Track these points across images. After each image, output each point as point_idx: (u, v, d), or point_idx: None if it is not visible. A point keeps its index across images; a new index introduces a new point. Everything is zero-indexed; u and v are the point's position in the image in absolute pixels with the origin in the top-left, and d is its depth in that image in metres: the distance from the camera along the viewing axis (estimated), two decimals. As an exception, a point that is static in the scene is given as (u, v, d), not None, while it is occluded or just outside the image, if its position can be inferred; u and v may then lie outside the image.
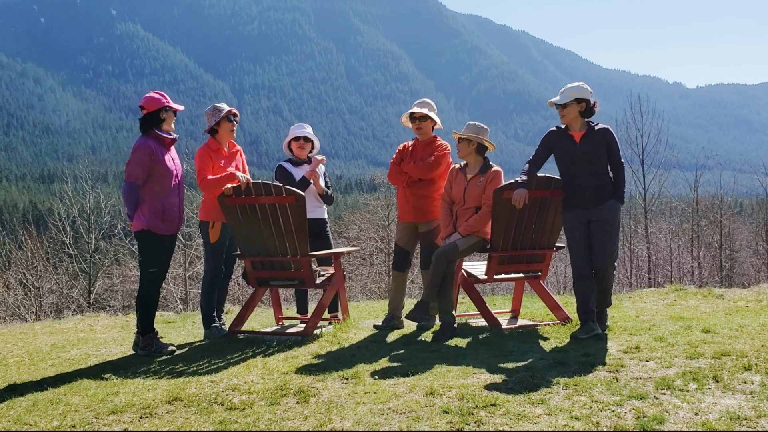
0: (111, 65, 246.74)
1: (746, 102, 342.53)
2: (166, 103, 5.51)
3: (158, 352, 5.42)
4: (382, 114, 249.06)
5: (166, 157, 5.50)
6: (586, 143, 5.39)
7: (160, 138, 5.48)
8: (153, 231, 5.42)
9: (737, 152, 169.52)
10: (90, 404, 4.01)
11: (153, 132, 5.47)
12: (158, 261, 5.53)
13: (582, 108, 5.42)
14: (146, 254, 5.51)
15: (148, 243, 5.47)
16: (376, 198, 30.29)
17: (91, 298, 24.98)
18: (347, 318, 6.29)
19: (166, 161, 5.47)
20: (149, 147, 5.39)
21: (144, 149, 5.38)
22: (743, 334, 5.23)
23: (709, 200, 28.76)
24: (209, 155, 5.97)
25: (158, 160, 5.41)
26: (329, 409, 3.74)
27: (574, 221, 5.46)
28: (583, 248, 5.42)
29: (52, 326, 7.77)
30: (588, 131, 5.43)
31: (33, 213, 54.55)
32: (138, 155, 5.37)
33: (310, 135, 6.64)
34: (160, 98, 5.51)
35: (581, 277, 5.43)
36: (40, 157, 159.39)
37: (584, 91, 5.43)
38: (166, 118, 5.53)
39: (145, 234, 5.44)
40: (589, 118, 5.50)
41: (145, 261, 5.52)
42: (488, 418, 3.50)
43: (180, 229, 5.71)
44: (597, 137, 5.42)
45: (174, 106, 5.57)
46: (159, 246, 5.50)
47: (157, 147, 5.44)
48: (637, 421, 3.37)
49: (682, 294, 7.78)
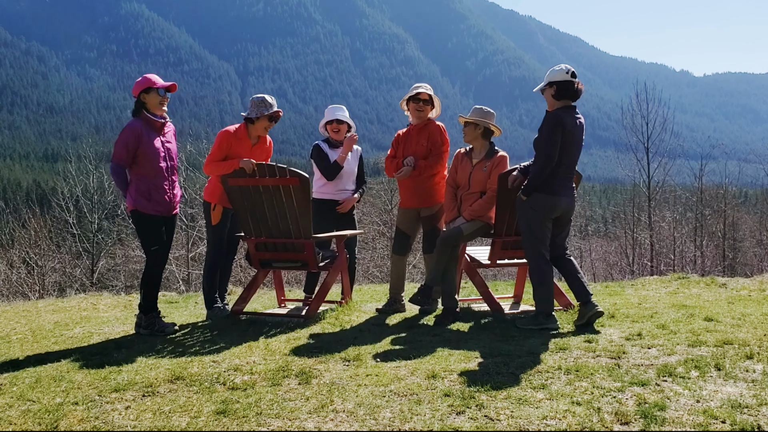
0: (116, 45, 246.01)
1: (753, 91, 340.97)
2: (147, 85, 5.40)
3: (160, 331, 5.44)
4: (386, 98, 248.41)
5: (156, 140, 5.44)
6: None
7: (148, 120, 5.45)
8: (140, 211, 5.43)
9: (743, 142, 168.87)
10: (93, 382, 4.03)
11: (143, 114, 5.45)
12: (156, 240, 5.53)
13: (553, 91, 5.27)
14: (142, 233, 5.55)
15: (138, 222, 5.52)
16: (380, 182, 30.23)
17: (94, 277, 25.09)
18: (350, 301, 6.30)
19: (154, 143, 5.41)
20: (135, 128, 5.37)
21: (130, 130, 5.36)
22: (746, 323, 5.23)
23: (713, 189, 28.71)
24: (230, 142, 5.88)
25: (144, 142, 5.37)
26: (331, 391, 3.75)
27: None
28: None
29: (55, 304, 7.79)
30: None
31: (36, 192, 54.57)
32: (123, 136, 5.36)
33: (344, 118, 6.50)
34: (141, 81, 5.45)
35: None
36: (44, 136, 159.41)
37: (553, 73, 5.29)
38: (147, 100, 5.42)
39: (134, 214, 5.50)
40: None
41: (144, 240, 5.57)
42: (489, 401, 3.51)
43: (175, 211, 5.66)
44: None
45: (160, 85, 5.43)
46: (150, 225, 5.49)
47: (145, 129, 5.39)
48: (639, 408, 3.37)
49: (684, 282, 7.77)
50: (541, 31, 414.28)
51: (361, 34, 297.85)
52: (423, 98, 6.05)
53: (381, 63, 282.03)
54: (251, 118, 5.96)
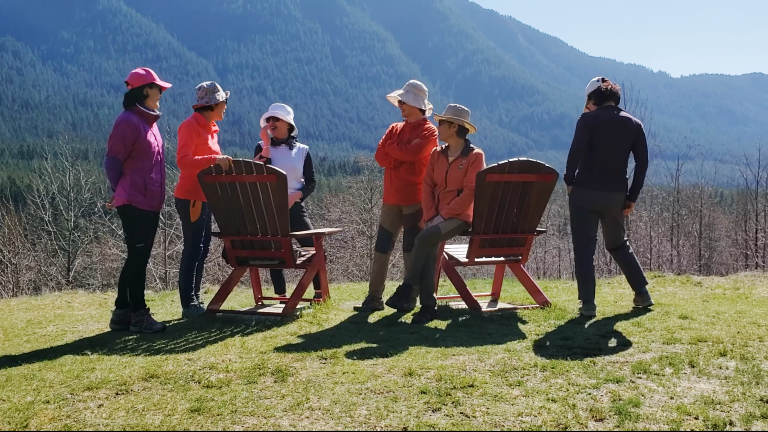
0: (93, 41, 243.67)
1: (729, 93, 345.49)
2: (151, 80, 5.46)
3: (149, 328, 5.38)
4: (367, 96, 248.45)
5: (149, 133, 5.45)
6: None
7: (143, 114, 5.42)
8: (134, 206, 5.36)
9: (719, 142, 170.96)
10: (65, 380, 3.97)
11: (136, 108, 5.41)
12: (145, 236, 5.48)
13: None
14: (131, 229, 5.45)
15: (130, 218, 5.42)
16: (359, 181, 30.20)
17: (70, 276, 24.79)
18: (327, 299, 6.28)
19: (148, 137, 5.41)
20: (132, 122, 5.32)
21: (127, 124, 5.31)
22: (720, 321, 5.28)
23: (690, 189, 29.01)
24: (197, 131, 5.96)
25: (140, 135, 5.35)
26: (307, 389, 3.73)
27: None
28: None
29: (28, 302, 7.68)
30: None
31: (11, 189, 53.86)
32: (120, 129, 5.30)
33: (280, 115, 6.49)
34: (144, 74, 5.45)
35: None
36: (19, 133, 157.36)
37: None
38: (150, 95, 5.46)
39: (126, 209, 5.38)
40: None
41: (131, 236, 5.47)
42: (465, 398, 3.51)
43: (162, 206, 5.66)
44: None
45: (160, 83, 5.52)
46: (142, 221, 5.44)
47: (140, 123, 5.38)
48: (613, 404, 3.39)
49: (660, 281, 7.84)
50: (521, 31, 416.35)
51: (342, 31, 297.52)
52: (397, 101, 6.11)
53: (361, 61, 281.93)
54: (211, 105, 6.03)
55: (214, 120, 6.16)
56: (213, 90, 6.08)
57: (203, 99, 6.04)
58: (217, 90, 6.10)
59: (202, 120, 6.05)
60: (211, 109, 6.07)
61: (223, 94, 6.12)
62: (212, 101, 6.03)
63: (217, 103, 6.07)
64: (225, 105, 6.20)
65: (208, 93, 6.05)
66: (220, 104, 6.11)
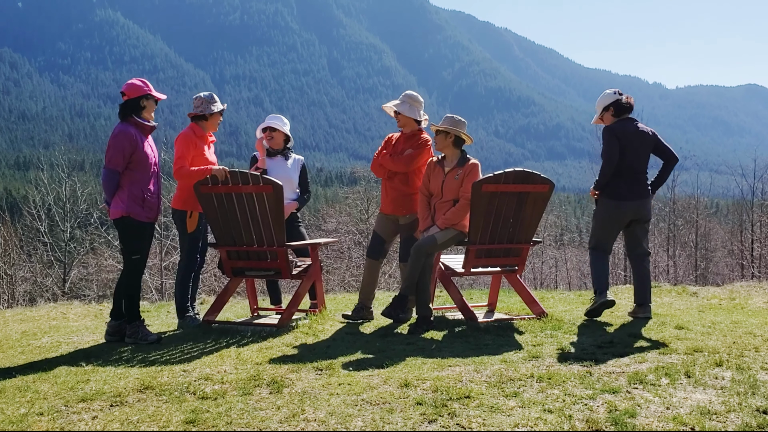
0: (90, 52, 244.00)
1: (724, 104, 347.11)
2: (148, 91, 5.46)
3: (144, 339, 5.36)
4: (363, 107, 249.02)
5: (145, 144, 5.45)
6: None
7: (139, 125, 5.42)
8: (132, 217, 5.35)
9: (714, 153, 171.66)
10: (59, 392, 3.95)
11: (132, 119, 5.41)
12: (140, 248, 5.47)
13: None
14: (127, 241, 5.44)
15: (128, 229, 5.40)
16: (356, 191, 30.25)
17: (66, 287, 24.71)
18: (323, 310, 6.26)
19: (145, 148, 5.42)
20: (129, 133, 5.33)
21: (125, 135, 5.31)
22: (715, 331, 5.28)
23: (685, 200, 29.10)
24: (194, 142, 5.97)
25: (138, 147, 5.36)
26: (302, 400, 3.71)
27: None
28: None
29: (23, 314, 7.65)
30: None
31: (7, 200, 53.72)
32: (118, 141, 5.30)
33: (277, 126, 6.52)
34: (141, 85, 5.46)
35: None
36: (16, 144, 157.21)
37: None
38: (147, 106, 5.47)
39: (125, 221, 5.37)
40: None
41: (127, 248, 5.45)
42: (462, 410, 3.50)
43: (158, 217, 5.65)
44: None
45: (156, 95, 5.53)
46: (140, 232, 5.43)
47: (137, 134, 5.39)
48: (610, 415, 3.38)
49: (656, 291, 7.84)
50: (517, 43, 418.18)
51: (338, 43, 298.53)
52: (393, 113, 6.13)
53: (358, 73, 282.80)
54: (205, 115, 6.04)
55: (209, 130, 6.16)
56: (210, 100, 6.09)
57: (198, 108, 6.05)
58: (214, 101, 6.11)
59: (198, 131, 6.06)
60: (206, 118, 6.07)
61: (220, 106, 6.13)
62: (207, 111, 6.04)
63: (212, 113, 6.07)
64: (220, 117, 6.18)
65: (204, 102, 6.06)
66: (215, 115, 6.11)
